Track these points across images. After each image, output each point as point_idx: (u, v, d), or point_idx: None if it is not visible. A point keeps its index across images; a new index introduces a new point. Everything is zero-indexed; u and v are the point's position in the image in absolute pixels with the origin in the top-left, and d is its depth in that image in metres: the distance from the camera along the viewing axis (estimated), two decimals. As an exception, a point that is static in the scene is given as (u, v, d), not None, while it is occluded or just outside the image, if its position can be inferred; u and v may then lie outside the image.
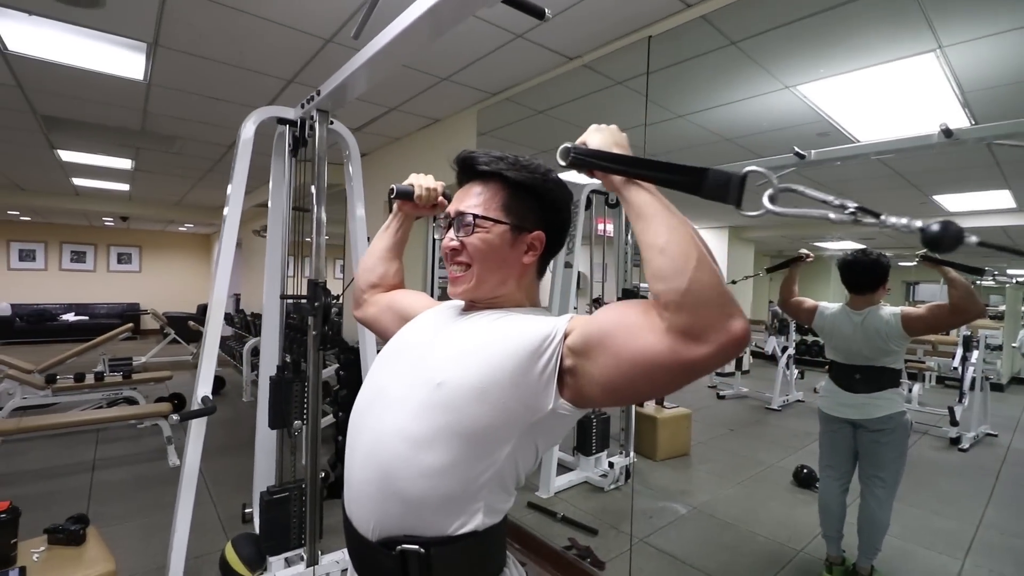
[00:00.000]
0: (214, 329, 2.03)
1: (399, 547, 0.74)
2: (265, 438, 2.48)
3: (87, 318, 10.35)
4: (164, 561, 2.01)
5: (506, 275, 0.84)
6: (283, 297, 2.24)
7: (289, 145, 2.34)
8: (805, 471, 3.40)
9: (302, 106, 2.16)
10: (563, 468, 3.49)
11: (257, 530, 2.40)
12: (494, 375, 0.72)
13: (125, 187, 6.72)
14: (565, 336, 0.72)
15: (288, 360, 2.23)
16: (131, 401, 4.73)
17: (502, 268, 0.84)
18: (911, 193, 4.62)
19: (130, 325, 6.09)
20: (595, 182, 0.78)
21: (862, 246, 2.38)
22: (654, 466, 3.62)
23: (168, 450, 3.73)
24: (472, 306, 0.87)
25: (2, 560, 1.70)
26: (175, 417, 1.78)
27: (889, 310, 2.22)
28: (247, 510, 2.66)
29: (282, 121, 2.29)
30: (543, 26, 2.26)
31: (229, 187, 2.13)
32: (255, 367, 5.62)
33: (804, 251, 2.61)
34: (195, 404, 1.99)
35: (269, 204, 2.48)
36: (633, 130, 3.37)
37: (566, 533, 2.72)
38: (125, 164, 5.29)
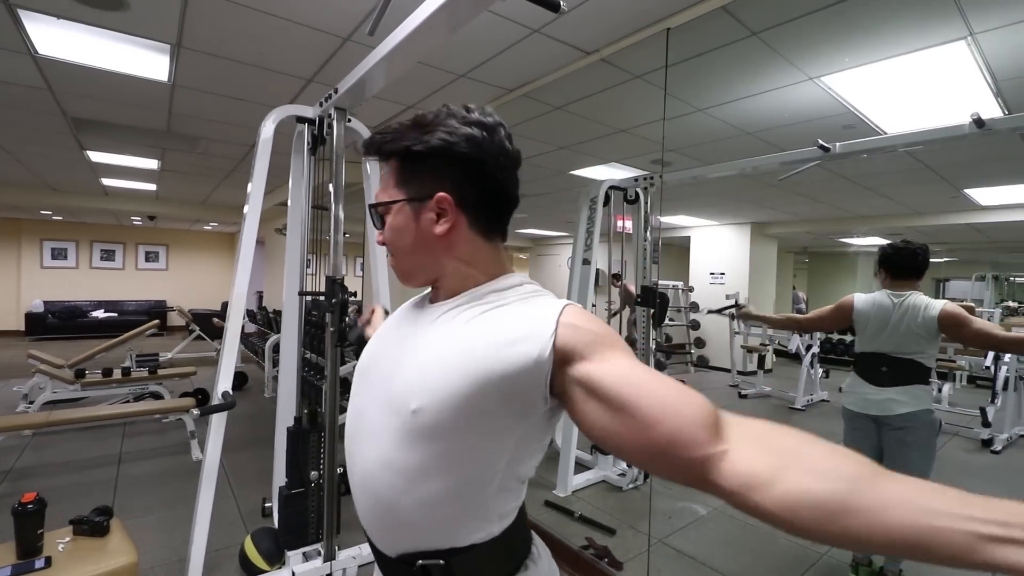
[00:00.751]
0: (234, 325, 2.06)
1: (418, 562, 0.71)
2: (283, 429, 2.50)
3: (116, 315, 10.63)
4: (185, 553, 2.04)
5: (429, 254, 0.73)
6: (301, 294, 2.26)
7: (308, 144, 2.36)
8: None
9: (320, 104, 2.18)
10: (581, 467, 3.47)
11: (276, 525, 2.44)
12: (474, 396, 0.64)
13: (152, 187, 6.87)
14: (557, 348, 0.62)
15: (305, 411, 2.22)
16: (156, 396, 4.83)
17: (420, 248, 0.73)
18: (941, 187, 4.47)
19: (156, 322, 6.22)
20: (613, 177, 0.73)
21: (888, 241, 2.30)
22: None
23: (191, 444, 3.80)
24: (435, 296, 0.78)
25: (29, 550, 1.74)
26: (195, 412, 1.81)
27: (931, 299, 2.08)
28: (267, 504, 2.72)
29: (301, 120, 2.30)
30: (560, 20, 2.23)
31: (249, 186, 2.15)
32: (276, 363, 5.67)
33: (740, 300, 2.53)
34: (216, 400, 2.01)
35: (289, 202, 2.50)
36: (651, 125, 3.34)
37: (583, 532, 2.70)
38: (152, 164, 5.40)
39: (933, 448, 2.09)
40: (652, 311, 3.26)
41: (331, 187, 2.09)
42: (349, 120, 2.16)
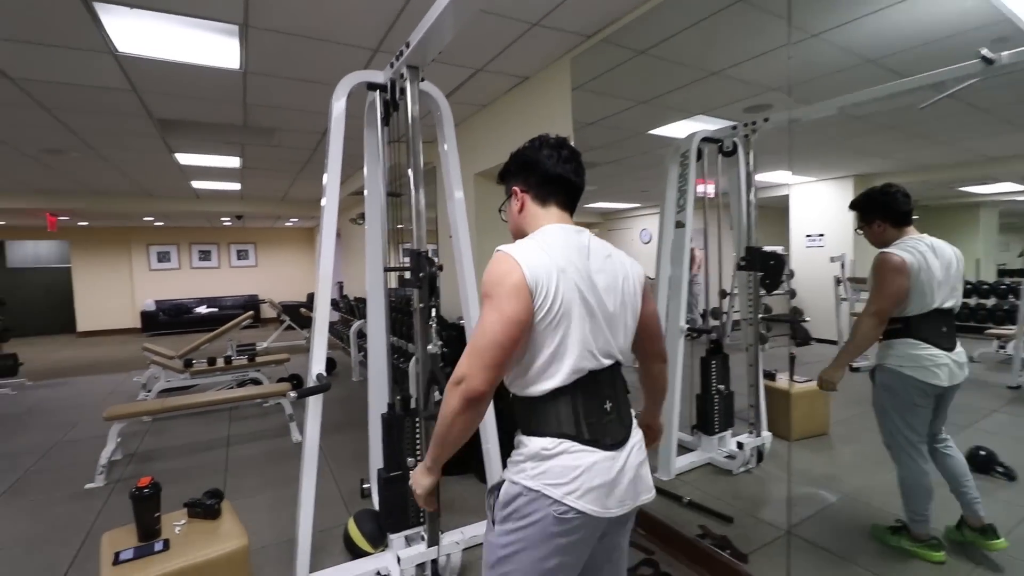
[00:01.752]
0: (322, 311, 2.01)
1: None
2: (378, 419, 2.45)
3: (216, 309, 11.45)
4: (292, 534, 2.03)
5: (515, 224, 1.25)
6: (387, 269, 2.16)
7: (381, 113, 2.23)
8: (983, 453, 2.84)
9: (391, 65, 2.03)
10: (682, 448, 3.19)
11: (376, 506, 2.42)
12: None
13: (236, 186, 7.20)
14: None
15: (398, 398, 2.16)
16: (256, 382, 5.06)
17: (513, 222, 1.26)
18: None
19: (251, 313, 6.51)
20: (706, 128, 0.68)
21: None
22: (789, 447, 3.22)
23: (290, 427, 3.91)
24: None
25: (149, 532, 1.77)
26: (293, 394, 1.76)
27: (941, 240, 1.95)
28: (365, 485, 2.71)
29: (372, 87, 2.18)
30: (649, -61, 1.94)
31: (325, 176, 2.06)
32: (362, 348, 5.85)
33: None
34: (311, 382, 1.96)
35: (365, 176, 2.40)
36: (750, 63, 2.91)
37: (696, 520, 2.47)
38: (234, 162, 5.61)
39: None
40: (760, 275, 2.90)
41: (410, 171, 1.95)
42: (422, 79, 2.00)
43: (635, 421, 1.19)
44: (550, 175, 1.18)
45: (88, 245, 10.86)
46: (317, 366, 2.00)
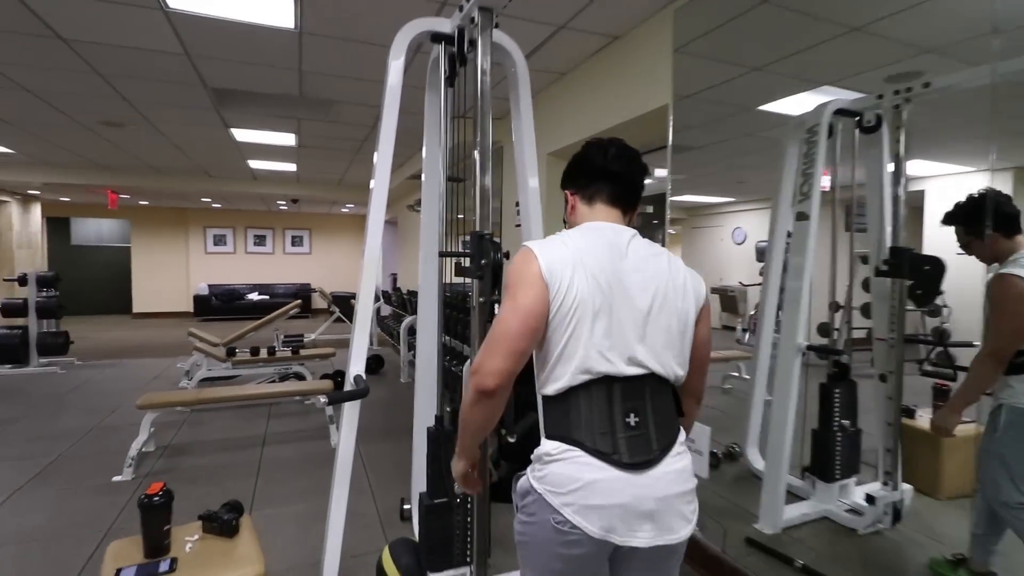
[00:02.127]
0: (365, 304, 1.87)
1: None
2: (424, 431, 2.27)
3: (268, 297, 11.94)
4: (319, 556, 1.89)
5: (569, 222, 1.32)
6: (443, 254, 1.95)
7: (445, 71, 2.03)
8: None
9: (460, 9, 1.82)
10: (791, 496, 2.80)
11: (416, 535, 2.25)
12: None
13: (292, 167, 7.37)
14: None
15: (448, 409, 2.02)
16: (299, 376, 5.08)
17: (567, 220, 1.33)
18: None
19: (298, 302, 6.64)
20: (841, 98, 0.45)
21: None
22: (936, 507, 2.73)
23: (331, 429, 3.84)
24: None
25: (156, 547, 1.65)
26: (323, 399, 1.57)
27: None
28: (405, 507, 2.65)
29: (436, 38, 1.98)
30: None
31: (376, 154, 1.91)
32: (412, 347, 5.81)
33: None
34: (348, 385, 1.80)
35: (424, 155, 2.24)
36: (904, 14, 2.47)
37: (811, 588, 2.10)
38: (290, 140, 5.69)
39: None
40: (909, 284, 2.47)
41: (477, 143, 1.73)
42: (496, 24, 1.77)
43: (682, 447, 1.15)
44: (594, 169, 1.24)
45: (148, 225, 11.58)
46: (356, 366, 1.84)
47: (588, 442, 1.07)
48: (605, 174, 1.23)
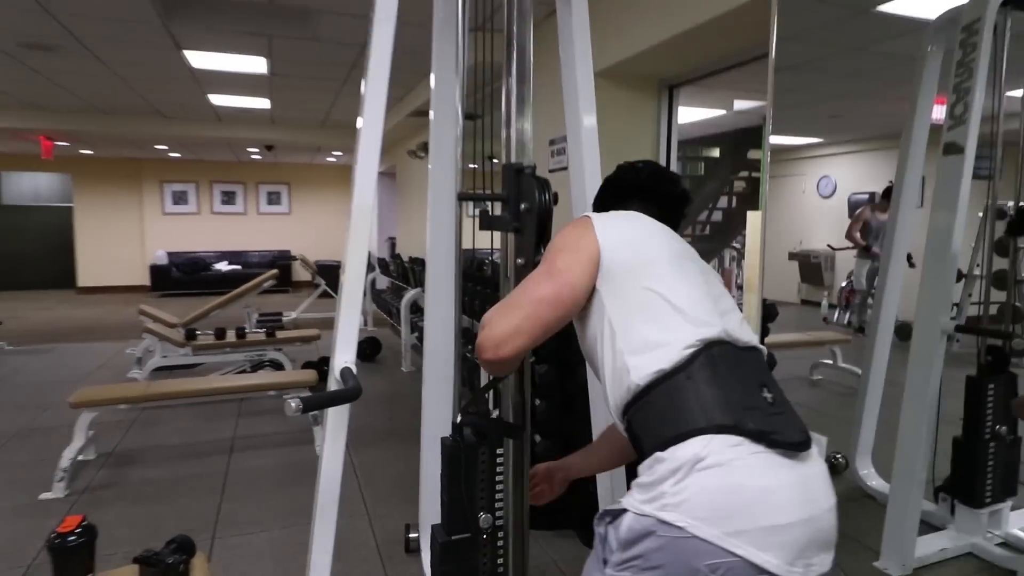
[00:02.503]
0: (355, 273, 1.70)
1: None
2: (434, 440, 2.10)
3: (240, 267, 11.95)
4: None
5: None
6: (462, 197, 1.72)
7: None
8: None
9: None
10: (924, 525, 2.61)
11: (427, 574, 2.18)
12: None
13: (265, 103, 7.21)
14: None
15: (470, 412, 1.78)
16: (276, 365, 4.95)
17: None
18: None
19: (274, 272, 6.57)
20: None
21: None
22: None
23: (315, 431, 3.70)
24: None
25: (71, 605, 1.46)
26: (295, 404, 1.34)
27: None
28: (412, 535, 2.55)
29: None
30: None
31: (364, 82, 1.66)
32: (416, 328, 5.75)
33: None
34: (333, 380, 1.59)
35: (432, 82, 2.06)
36: None
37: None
38: (259, 66, 5.50)
39: None
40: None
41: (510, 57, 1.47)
42: None
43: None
44: (626, 187, 1.41)
45: (93, 180, 11.59)
46: (343, 355, 1.63)
47: (739, 423, 0.95)
48: (638, 191, 1.38)
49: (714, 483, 0.91)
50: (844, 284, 8.82)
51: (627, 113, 3.72)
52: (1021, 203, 2.82)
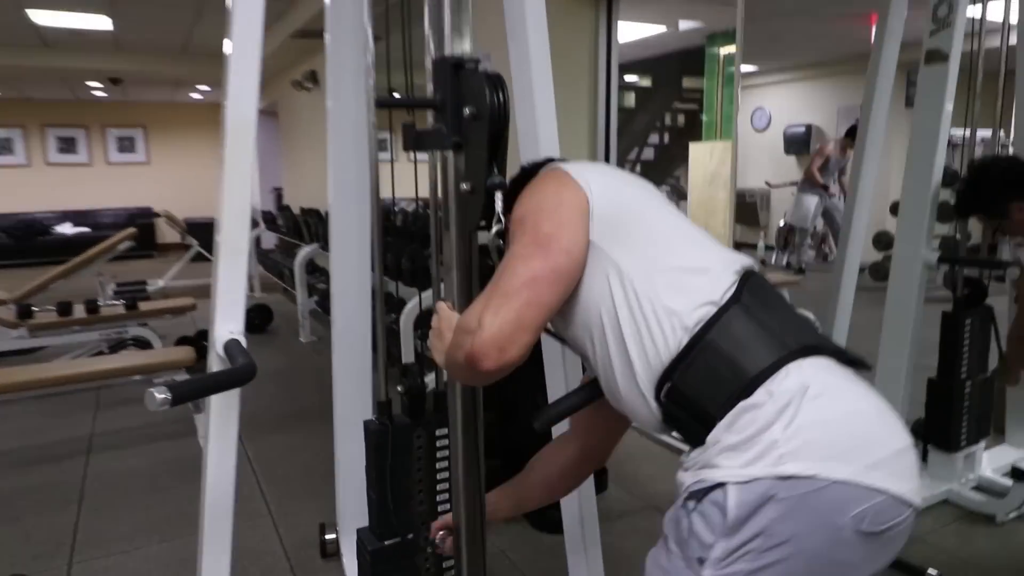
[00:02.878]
0: (234, 226, 1.55)
1: None
2: (351, 422, 2.11)
3: (89, 229, 11.27)
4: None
5: None
6: (380, 104, 1.56)
7: None
8: None
9: None
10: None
11: None
12: None
13: (106, 23, 6.74)
14: None
15: (399, 389, 1.79)
16: (142, 342, 4.68)
17: None
18: None
19: (131, 231, 6.26)
20: None
21: None
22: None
23: (196, 420, 3.58)
24: None
25: None
26: (162, 397, 1.12)
27: None
28: (328, 536, 2.51)
29: None
30: None
31: None
32: (314, 291, 5.76)
33: None
34: (216, 358, 1.46)
35: None
36: None
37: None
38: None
39: None
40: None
41: None
42: None
43: None
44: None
45: None
46: (227, 326, 1.48)
47: (820, 343, 0.99)
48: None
49: (829, 412, 0.89)
50: (781, 224, 9.19)
51: (560, 29, 3.58)
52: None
